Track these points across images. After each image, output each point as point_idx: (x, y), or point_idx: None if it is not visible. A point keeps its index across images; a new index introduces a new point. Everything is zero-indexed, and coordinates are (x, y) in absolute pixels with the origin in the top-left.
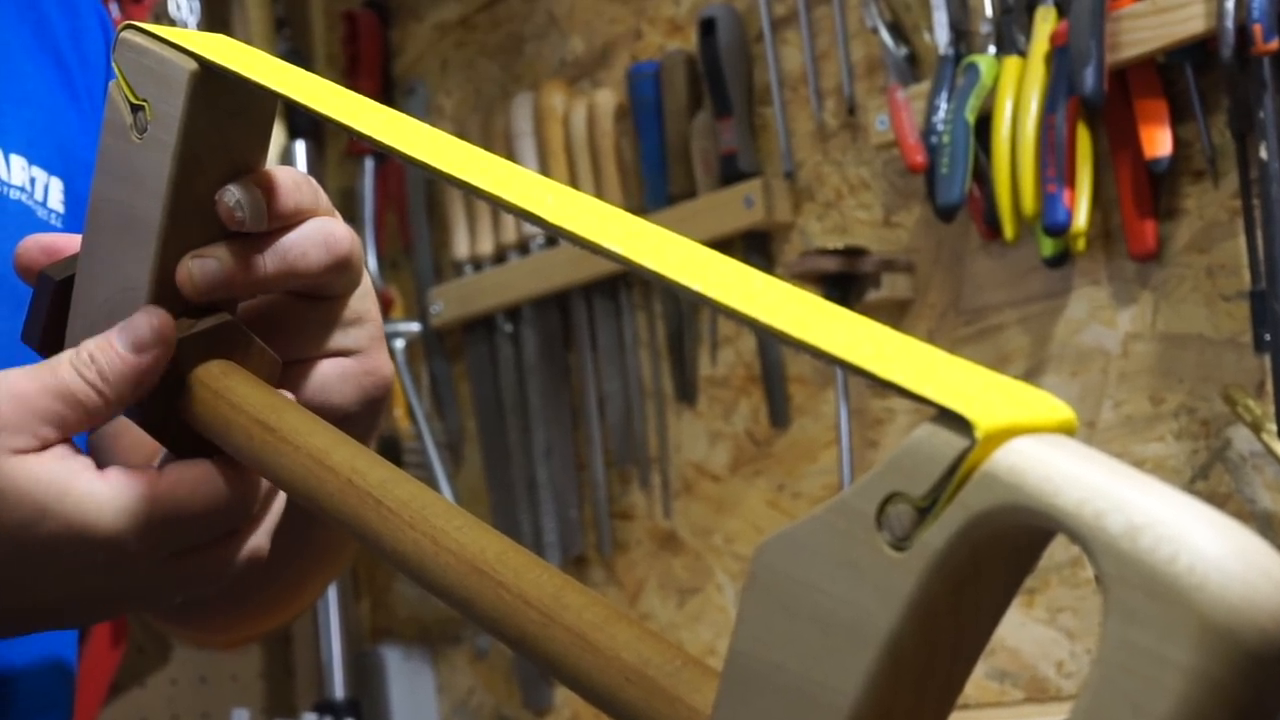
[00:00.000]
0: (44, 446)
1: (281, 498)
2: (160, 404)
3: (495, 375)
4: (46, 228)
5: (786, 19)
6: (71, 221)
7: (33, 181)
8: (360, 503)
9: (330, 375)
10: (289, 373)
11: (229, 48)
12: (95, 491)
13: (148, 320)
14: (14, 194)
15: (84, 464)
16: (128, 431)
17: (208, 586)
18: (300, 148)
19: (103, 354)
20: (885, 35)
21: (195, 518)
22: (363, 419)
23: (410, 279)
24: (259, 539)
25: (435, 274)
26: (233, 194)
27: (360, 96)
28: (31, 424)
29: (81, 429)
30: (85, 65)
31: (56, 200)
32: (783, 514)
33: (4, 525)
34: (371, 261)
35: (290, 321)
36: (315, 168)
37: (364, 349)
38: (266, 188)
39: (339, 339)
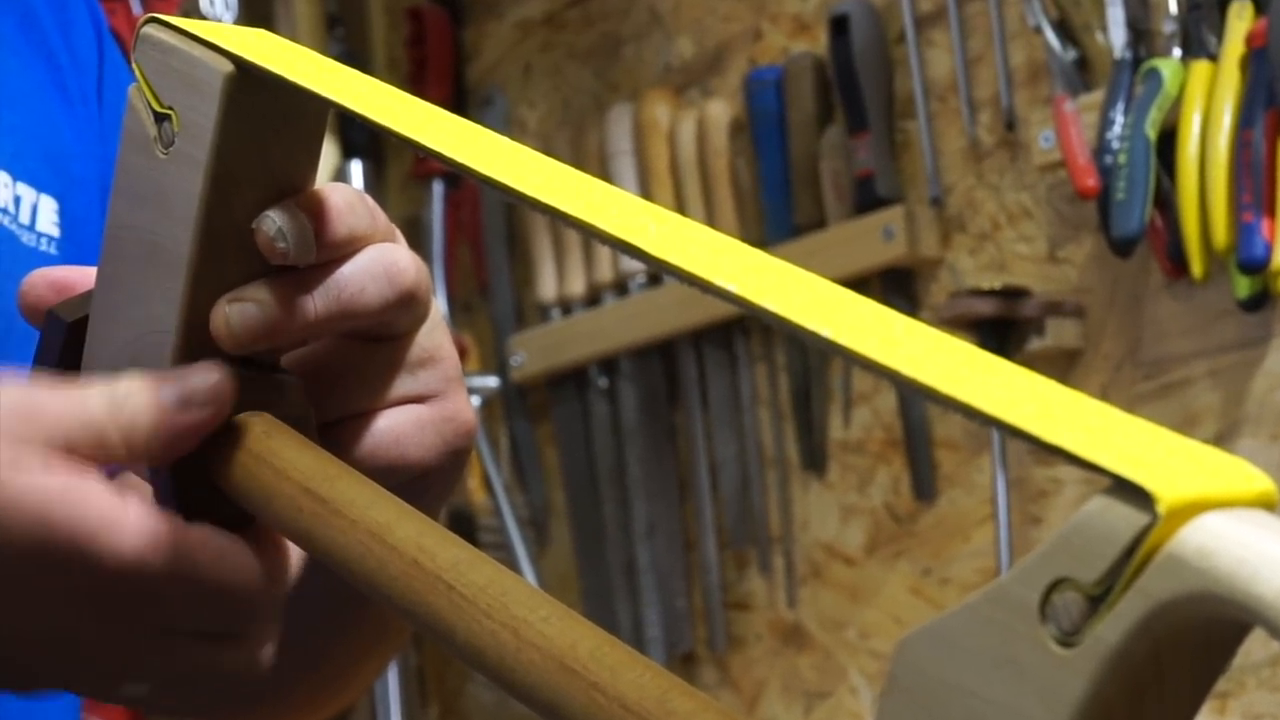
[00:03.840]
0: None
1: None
2: (185, 464)
3: (587, 439)
4: (34, 255)
5: (933, 16)
6: (68, 247)
7: (17, 201)
8: (428, 588)
9: (404, 426)
10: (351, 428)
11: (271, 46)
12: (114, 510)
13: (207, 376)
14: None
15: (100, 481)
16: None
17: (195, 693)
18: (356, 168)
19: (142, 397)
20: (1050, 36)
21: (218, 592)
22: (444, 474)
23: (487, 325)
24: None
25: (516, 319)
26: (272, 221)
27: (428, 105)
28: (41, 447)
29: (94, 470)
30: (77, 64)
31: (48, 222)
32: (929, 603)
33: (5, 546)
34: (441, 304)
35: (348, 368)
36: (374, 192)
37: (440, 392)
38: (314, 211)
39: (408, 384)
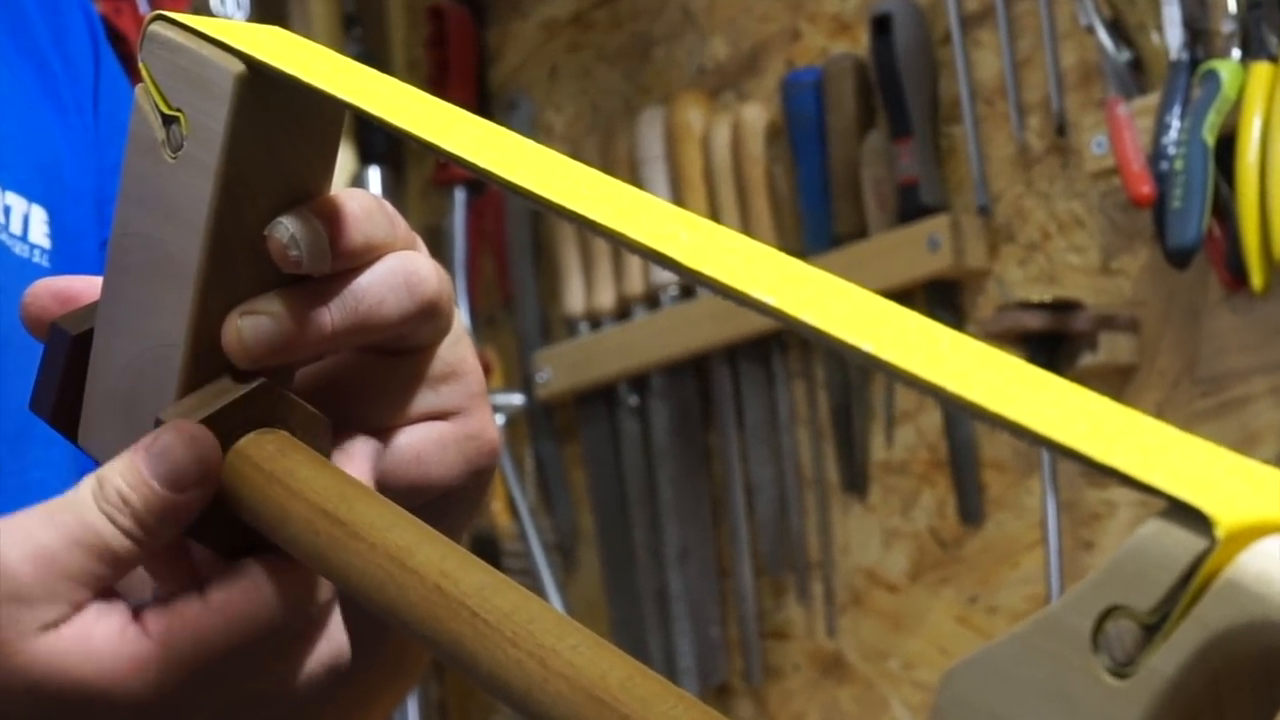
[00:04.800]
0: (76, 610)
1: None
2: None
3: (617, 459)
4: (26, 267)
5: (980, 15)
6: (59, 259)
7: (7, 211)
8: (451, 615)
9: (424, 443)
10: None
11: (285, 44)
12: (113, 655)
13: (187, 449)
14: None
15: (101, 616)
16: None
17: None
18: (374, 175)
19: (136, 493)
20: (1103, 36)
21: (244, 646)
22: (467, 495)
23: (511, 340)
24: (332, 643)
25: (542, 333)
26: (285, 228)
27: (450, 107)
28: (62, 589)
29: (116, 581)
30: (71, 71)
31: (39, 233)
32: (975, 632)
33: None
34: (463, 317)
35: (367, 382)
36: (393, 199)
37: (463, 408)
38: (329, 218)
39: (429, 399)
